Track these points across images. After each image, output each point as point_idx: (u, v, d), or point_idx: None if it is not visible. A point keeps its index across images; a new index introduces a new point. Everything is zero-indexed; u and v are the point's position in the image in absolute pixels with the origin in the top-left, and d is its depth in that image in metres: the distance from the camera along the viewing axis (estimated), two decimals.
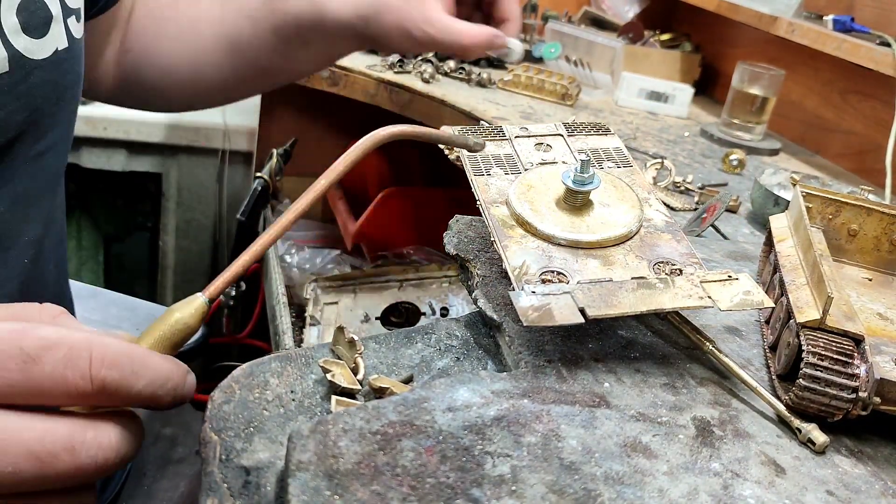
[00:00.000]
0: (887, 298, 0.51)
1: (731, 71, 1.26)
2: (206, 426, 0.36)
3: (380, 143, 0.43)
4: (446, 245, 0.51)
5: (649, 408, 0.40)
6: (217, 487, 0.34)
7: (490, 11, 0.73)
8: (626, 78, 1.37)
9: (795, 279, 0.47)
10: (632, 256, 0.45)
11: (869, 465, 0.40)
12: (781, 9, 1.24)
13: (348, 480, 0.31)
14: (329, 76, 1.29)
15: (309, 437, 0.33)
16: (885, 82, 1.13)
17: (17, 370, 0.31)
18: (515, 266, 0.43)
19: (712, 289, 0.43)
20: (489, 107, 1.21)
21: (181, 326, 0.38)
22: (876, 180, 1.12)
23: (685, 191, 0.94)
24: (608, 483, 0.34)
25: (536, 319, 0.39)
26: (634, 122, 1.27)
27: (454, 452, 0.34)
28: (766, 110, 1.23)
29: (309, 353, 0.42)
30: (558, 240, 0.45)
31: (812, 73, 1.33)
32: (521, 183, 0.49)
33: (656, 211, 0.49)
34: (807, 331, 0.42)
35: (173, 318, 0.38)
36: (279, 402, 0.39)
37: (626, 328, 0.46)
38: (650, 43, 1.56)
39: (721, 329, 0.50)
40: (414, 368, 0.43)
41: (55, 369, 0.32)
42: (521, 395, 0.38)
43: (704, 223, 0.76)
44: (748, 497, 0.35)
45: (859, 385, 0.40)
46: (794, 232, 0.53)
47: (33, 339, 0.32)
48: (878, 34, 1.11)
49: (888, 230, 0.54)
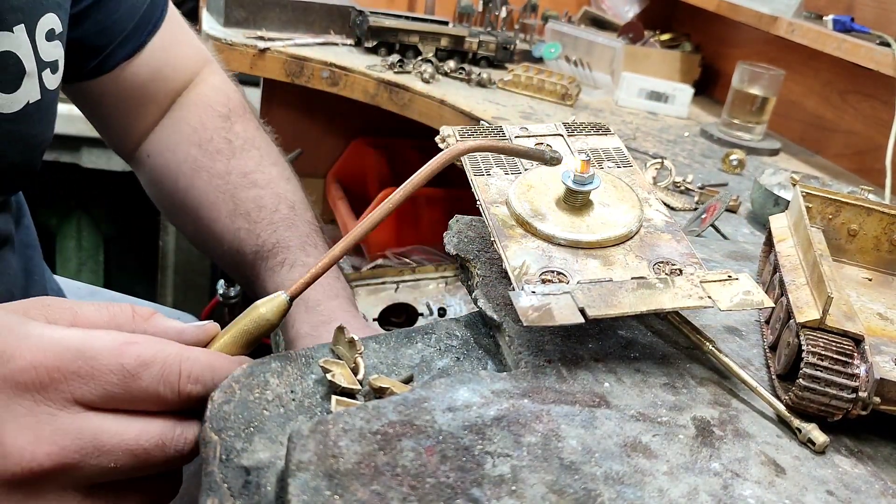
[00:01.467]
0: (887, 298, 0.51)
1: (731, 71, 1.26)
2: (206, 426, 0.36)
3: (458, 156, 0.44)
4: (446, 245, 0.51)
5: (649, 408, 0.40)
6: (217, 487, 0.34)
7: None
8: (626, 78, 1.37)
9: (795, 279, 0.47)
10: (632, 256, 0.45)
11: (869, 465, 0.39)
12: (781, 9, 1.24)
13: (348, 480, 0.31)
14: (329, 76, 1.29)
15: (309, 437, 0.33)
16: (885, 82, 1.13)
17: (119, 384, 0.36)
18: (515, 266, 0.43)
19: (712, 289, 0.43)
20: (489, 107, 1.21)
21: (263, 322, 0.41)
22: (876, 180, 1.12)
23: (685, 191, 0.94)
24: (608, 483, 0.34)
25: (536, 319, 0.39)
26: (634, 122, 1.27)
27: (454, 452, 0.34)
28: (766, 110, 1.23)
29: (309, 353, 0.42)
30: (558, 240, 0.45)
31: (812, 73, 1.33)
32: (521, 183, 0.49)
33: (656, 211, 0.49)
34: (807, 331, 0.42)
35: (257, 314, 0.41)
36: (279, 402, 0.39)
37: (626, 328, 0.46)
38: (650, 43, 1.56)
39: (721, 329, 0.50)
40: (414, 368, 0.43)
41: (150, 385, 0.37)
42: (521, 395, 0.38)
43: (704, 223, 0.76)
44: (748, 497, 0.35)
45: (859, 385, 0.40)
46: (794, 232, 0.53)
47: (133, 356, 0.36)
48: (878, 34, 1.11)
49: (888, 230, 0.54)
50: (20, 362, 0.35)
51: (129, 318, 0.40)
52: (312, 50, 1.32)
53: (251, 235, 0.68)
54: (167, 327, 0.41)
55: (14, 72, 0.55)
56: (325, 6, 1.41)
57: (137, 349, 0.37)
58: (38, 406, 0.35)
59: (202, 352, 0.39)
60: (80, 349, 0.36)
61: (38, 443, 0.35)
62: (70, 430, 0.36)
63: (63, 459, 0.35)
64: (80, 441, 0.36)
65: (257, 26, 1.34)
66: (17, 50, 0.55)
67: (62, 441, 0.35)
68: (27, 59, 0.56)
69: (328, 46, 1.37)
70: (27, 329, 0.36)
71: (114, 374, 0.36)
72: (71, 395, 0.36)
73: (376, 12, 1.39)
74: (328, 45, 1.37)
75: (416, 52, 1.37)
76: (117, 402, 0.37)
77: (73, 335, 0.37)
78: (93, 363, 0.36)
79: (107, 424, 0.36)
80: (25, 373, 0.35)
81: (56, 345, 0.36)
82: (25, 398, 0.35)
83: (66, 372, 0.35)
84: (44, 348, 0.35)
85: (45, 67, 0.59)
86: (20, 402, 0.35)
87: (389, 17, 1.38)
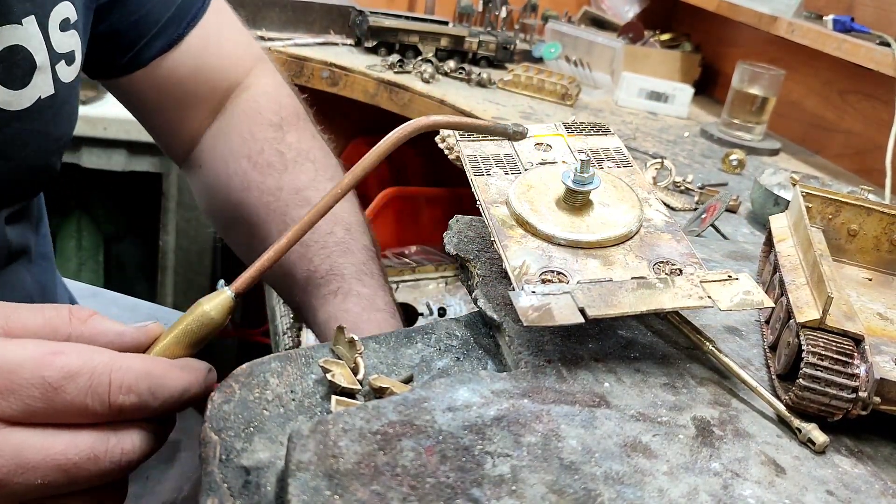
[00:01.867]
0: (887, 298, 0.51)
1: (731, 71, 1.26)
2: (206, 426, 0.36)
3: (410, 136, 0.42)
4: (446, 245, 0.51)
5: (649, 408, 0.40)
6: (217, 487, 0.34)
7: None
8: (626, 78, 1.37)
9: (795, 279, 0.47)
10: (632, 256, 0.45)
11: (869, 464, 0.39)
12: (781, 9, 1.24)
13: (348, 480, 0.31)
14: (329, 76, 1.29)
15: (309, 437, 0.33)
16: (885, 82, 1.13)
17: (41, 398, 0.34)
18: (515, 266, 0.43)
19: (712, 289, 0.43)
20: (489, 107, 1.21)
21: (207, 321, 0.39)
22: (876, 180, 1.12)
23: (685, 191, 0.94)
24: (608, 483, 0.34)
25: (536, 319, 0.39)
26: (634, 122, 1.27)
27: (454, 452, 0.34)
28: (766, 110, 1.23)
29: (309, 353, 0.42)
30: (558, 240, 0.45)
31: (812, 73, 1.32)
32: (521, 183, 0.49)
33: (656, 211, 0.49)
34: (807, 331, 0.42)
35: (200, 311, 0.40)
36: (279, 402, 0.39)
37: (626, 328, 0.46)
38: (650, 43, 1.56)
39: (721, 329, 0.50)
40: (414, 368, 0.43)
41: (76, 398, 0.35)
42: (521, 395, 0.38)
43: (704, 223, 0.76)
44: (748, 497, 0.35)
45: (859, 385, 0.40)
46: (794, 232, 0.53)
47: (56, 368, 0.34)
48: (878, 34, 1.11)
49: (888, 230, 0.54)
50: None
51: (65, 321, 0.38)
52: (312, 50, 1.32)
53: (303, 260, 0.62)
54: (105, 329, 0.39)
55: (24, 66, 0.52)
56: (325, 6, 1.41)
57: (62, 360, 0.35)
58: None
59: (137, 358, 0.37)
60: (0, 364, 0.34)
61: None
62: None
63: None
64: (2, 459, 0.34)
65: (257, 26, 1.34)
66: (26, 43, 0.52)
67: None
68: (38, 53, 0.53)
69: (328, 46, 1.37)
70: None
71: (35, 387, 0.34)
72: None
73: (376, 12, 1.39)
74: (328, 44, 1.37)
75: (416, 52, 1.37)
76: (40, 416, 0.35)
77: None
78: (12, 377, 0.34)
79: (30, 440, 0.35)
80: None
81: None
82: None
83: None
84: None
85: (60, 59, 0.55)
86: None
87: (389, 17, 1.38)
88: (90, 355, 0.36)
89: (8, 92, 0.52)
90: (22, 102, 0.53)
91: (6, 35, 0.51)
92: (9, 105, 0.52)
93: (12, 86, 0.52)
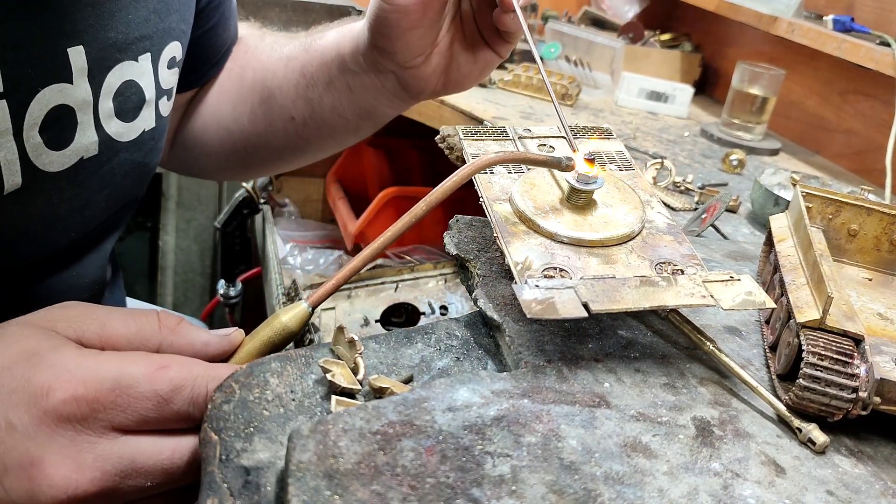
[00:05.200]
0: (887, 298, 0.51)
1: (731, 71, 1.26)
2: (206, 426, 0.36)
3: (479, 170, 0.45)
4: (447, 245, 0.51)
5: (649, 408, 0.40)
6: (217, 487, 0.34)
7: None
8: (626, 78, 1.37)
9: (795, 279, 0.47)
10: (634, 256, 0.45)
11: (869, 465, 0.39)
12: (781, 9, 1.24)
13: (348, 480, 0.31)
14: None
15: (309, 437, 0.33)
16: (885, 82, 1.13)
17: (154, 409, 0.38)
18: (518, 261, 0.43)
19: (715, 288, 0.43)
20: (489, 107, 1.21)
21: (284, 331, 0.43)
22: (876, 180, 1.12)
23: (685, 191, 0.94)
24: (608, 483, 0.34)
25: (540, 312, 0.39)
26: (634, 122, 1.27)
27: (454, 452, 0.34)
28: (766, 110, 1.23)
29: (309, 353, 0.42)
30: (561, 237, 0.45)
31: (812, 73, 1.32)
32: (524, 181, 0.49)
33: (658, 213, 0.49)
34: (807, 331, 0.42)
35: (278, 323, 0.42)
36: (279, 402, 0.39)
37: (627, 328, 0.46)
38: (650, 43, 1.56)
39: (721, 329, 0.50)
40: (414, 368, 0.43)
41: (181, 407, 0.39)
42: (521, 395, 0.38)
43: (704, 223, 0.76)
44: (748, 497, 0.35)
45: (859, 385, 0.40)
46: (794, 232, 0.53)
47: (166, 382, 0.38)
48: (878, 34, 1.11)
49: (888, 230, 0.54)
50: (61, 395, 0.37)
51: (155, 330, 0.42)
52: None
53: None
54: (193, 339, 0.42)
55: (135, 101, 0.55)
56: (325, 6, 1.41)
57: (170, 374, 0.39)
58: (80, 436, 0.37)
59: (227, 369, 0.40)
60: (117, 379, 0.38)
61: (81, 471, 0.37)
62: (110, 456, 0.37)
63: (105, 483, 0.37)
64: (120, 465, 0.38)
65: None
66: (139, 79, 0.55)
67: (104, 466, 0.37)
68: (148, 89, 0.56)
69: None
70: (62, 358, 0.38)
71: (149, 400, 0.38)
72: (109, 423, 0.38)
73: None
74: None
75: None
76: (151, 424, 0.39)
77: (109, 365, 0.38)
78: (130, 392, 0.38)
79: (143, 446, 0.38)
80: (67, 405, 0.37)
81: (93, 375, 0.37)
82: (67, 429, 0.37)
83: (106, 402, 0.37)
84: (83, 380, 0.37)
85: (163, 95, 0.59)
86: (62, 434, 0.37)
87: None
88: (189, 368, 0.39)
89: (121, 124, 0.55)
90: (130, 134, 0.56)
91: (125, 71, 0.54)
92: (120, 136, 0.55)
93: (125, 118, 0.55)
